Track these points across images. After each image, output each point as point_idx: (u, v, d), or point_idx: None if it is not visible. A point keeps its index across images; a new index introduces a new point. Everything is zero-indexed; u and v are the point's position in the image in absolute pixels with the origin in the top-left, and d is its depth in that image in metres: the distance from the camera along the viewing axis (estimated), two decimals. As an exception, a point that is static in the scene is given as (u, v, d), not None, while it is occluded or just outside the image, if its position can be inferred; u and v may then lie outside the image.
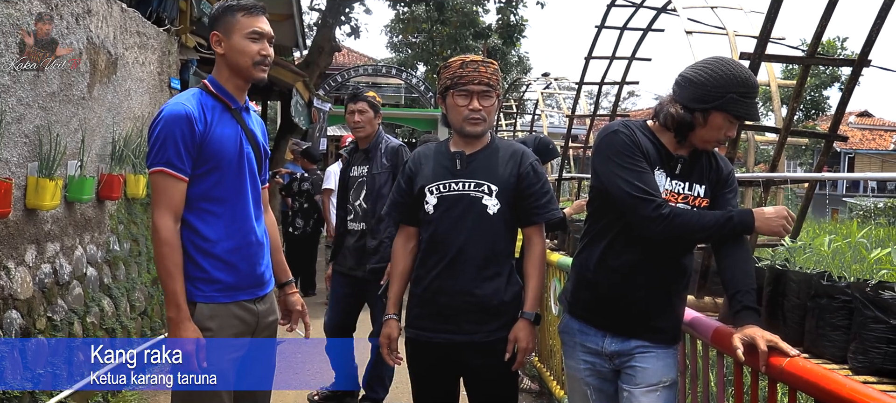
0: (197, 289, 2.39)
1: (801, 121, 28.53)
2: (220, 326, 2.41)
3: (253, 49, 2.44)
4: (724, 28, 4.50)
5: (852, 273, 2.34)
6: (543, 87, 11.27)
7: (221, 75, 2.49)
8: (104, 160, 5.26)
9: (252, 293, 2.52)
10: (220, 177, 2.42)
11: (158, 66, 6.50)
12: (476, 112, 2.68)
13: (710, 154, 2.42)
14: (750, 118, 2.27)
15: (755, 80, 2.28)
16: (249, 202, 2.51)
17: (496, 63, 2.79)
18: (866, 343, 2.12)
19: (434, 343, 2.76)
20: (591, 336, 2.46)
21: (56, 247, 4.49)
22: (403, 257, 2.89)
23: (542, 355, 5.18)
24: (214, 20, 2.47)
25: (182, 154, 2.33)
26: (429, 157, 2.83)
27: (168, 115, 2.34)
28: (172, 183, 2.33)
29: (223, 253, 2.42)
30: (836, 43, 29.24)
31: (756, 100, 2.26)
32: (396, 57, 26.80)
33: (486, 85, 2.68)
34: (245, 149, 2.51)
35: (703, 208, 2.36)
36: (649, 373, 2.36)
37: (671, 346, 2.44)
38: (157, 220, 2.32)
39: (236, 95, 2.51)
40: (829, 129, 3.40)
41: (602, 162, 2.34)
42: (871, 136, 36.61)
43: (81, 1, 4.75)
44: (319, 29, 14.81)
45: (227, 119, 2.48)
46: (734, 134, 2.33)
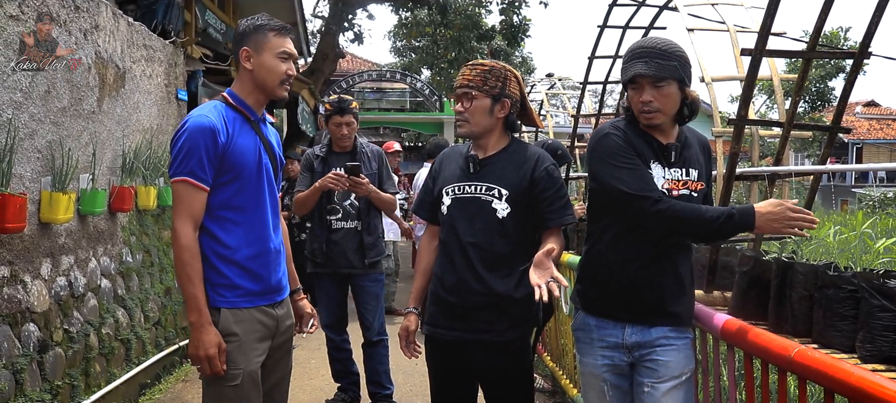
0: (220, 295, 2.45)
1: (806, 112, 28.42)
2: (245, 331, 2.47)
3: (282, 68, 2.52)
4: (725, 24, 4.53)
5: (860, 262, 2.36)
6: (548, 88, 11.29)
7: (244, 89, 2.56)
8: (115, 173, 5.31)
9: (271, 298, 2.59)
10: (241, 186, 2.49)
11: (165, 77, 6.56)
12: (459, 114, 2.78)
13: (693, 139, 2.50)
14: (630, 76, 2.36)
15: (638, 44, 2.41)
16: (268, 210, 2.59)
17: (491, 63, 2.78)
18: (874, 331, 2.15)
19: (447, 340, 2.80)
20: (610, 329, 2.47)
21: (70, 260, 4.54)
22: (428, 254, 2.95)
23: (555, 354, 5.21)
24: (244, 36, 2.53)
25: (205, 164, 2.39)
26: (452, 159, 2.90)
27: (193, 127, 2.40)
28: (194, 192, 2.39)
29: (243, 261, 2.49)
30: (839, 33, 29.13)
31: (639, 57, 2.34)
32: (400, 61, 26.81)
33: (466, 87, 2.73)
34: (263, 159, 2.58)
35: (700, 191, 2.42)
36: (672, 366, 2.38)
37: (688, 334, 2.47)
38: (178, 227, 2.39)
39: (256, 108, 2.59)
40: (832, 122, 3.41)
41: (598, 164, 2.41)
42: (878, 126, 36.44)
43: (89, 16, 4.82)
44: (323, 36, 14.87)
45: (248, 130, 2.55)
46: (647, 97, 2.35)
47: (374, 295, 4.57)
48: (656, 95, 2.34)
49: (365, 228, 4.49)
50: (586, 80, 6.71)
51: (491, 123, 2.77)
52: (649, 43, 2.39)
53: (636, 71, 2.33)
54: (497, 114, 2.76)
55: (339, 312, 4.65)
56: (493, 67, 2.77)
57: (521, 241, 2.75)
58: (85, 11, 4.75)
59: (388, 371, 4.67)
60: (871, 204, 19.23)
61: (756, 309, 2.66)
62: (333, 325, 4.64)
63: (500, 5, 18.03)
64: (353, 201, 4.50)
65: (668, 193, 2.37)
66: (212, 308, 2.43)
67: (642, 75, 2.33)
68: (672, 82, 2.34)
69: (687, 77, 2.37)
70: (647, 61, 2.32)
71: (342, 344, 4.68)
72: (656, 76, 2.32)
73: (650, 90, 2.34)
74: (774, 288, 2.56)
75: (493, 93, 2.73)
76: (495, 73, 2.75)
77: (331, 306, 4.62)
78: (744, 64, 3.67)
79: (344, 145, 4.51)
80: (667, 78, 2.33)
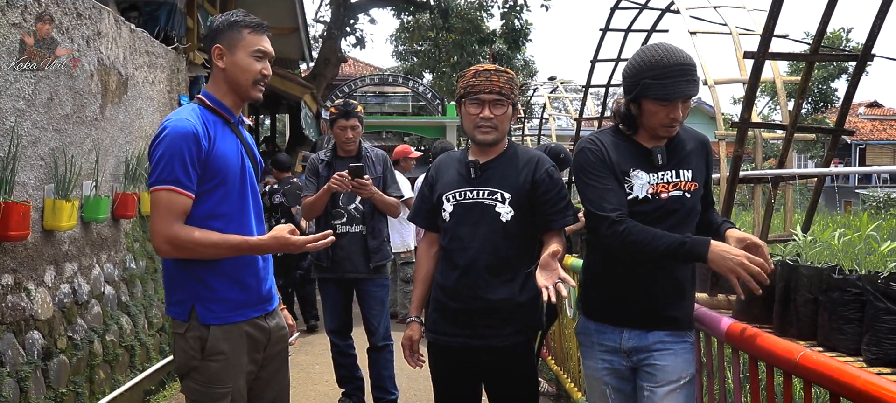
0: (210, 311, 2.36)
1: (809, 114, 28.40)
2: (232, 348, 2.38)
3: (256, 67, 2.40)
4: (727, 26, 4.52)
5: (865, 264, 2.35)
6: (550, 91, 11.29)
7: (219, 89, 2.44)
8: (118, 179, 5.32)
9: (262, 309, 2.50)
10: (226, 193, 2.38)
11: (168, 84, 6.57)
12: (487, 120, 2.71)
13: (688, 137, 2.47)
14: (673, 97, 2.27)
15: (671, 59, 2.27)
16: (252, 216, 2.48)
17: (511, 72, 2.79)
18: (879, 334, 2.14)
19: (451, 347, 2.80)
20: (609, 334, 2.49)
21: (74, 267, 4.55)
22: (427, 261, 2.94)
23: (559, 357, 5.20)
24: (218, 32, 2.40)
25: (190, 172, 2.27)
26: (448, 165, 2.89)
27: (173, 132, 2.27)
28: (180, 200, 2.26)
29: (231, 270, 2.39)
30: (841, 34, 29.12)
31: (682, 76, 2.25)
32: (402, 65, 26.83)
33: (497, 93, 2.70)
34: (246, 163, 2.47)
35: (694, 191, 2.40)
36: (669, 371, 2.39)
37: (687, 338, 2.46)
38: (175, 232, 2.25)
39: (234, 110, 2.46)
40: (835, 124, 3.41)
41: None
42: (881, 127, 36.38)
43: (91, 23, 4.82)
44: (325, 41, 14.91)
45: (228, 133, 2.43)
46: (679, 114, 2.30)
47: (379, 300, 4.57)
48: (685, 109, 2.34)
49: (369, 232, 4.49)
50: (589, 83, 6.71)
51: (505, 129, 2.81)
52: (687, 60, 2.30)
53: (682, 91, 2.26)
54: (511, 123, 2.82)
55: (344, 317, 4.65)
56: (512, 75, 2.79)
57: (524, 245, 2.76)
58: (87, 18, 4.76)
59: (393, 375, 4.67)
60: (876, 205, 19.20)
61: (761, 312, 2.66)
62: (338, 330, 4.64)
63: (501, 9, 18.03)
64: (358, 205, 4.50)
65: (656, 196, 2.38)
66: (201, 325, 2.34)
67: (687, 95, 2.29)
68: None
69: None
70: (689, 80, 2.27)
71: (346, 349, 4.67)
72: (692, 95, 2.31)
73: (683, 106, 2.31)
74: (779, 291, 2.55)
75: (513, 100, 2.77)
76: (513, 82, 2.77)
77: (335, 311, 4.62)
78: (746, 66, 3.66)
79: (349, 149, 4.51)
80: (693, 95, 2.33)
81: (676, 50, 2.31)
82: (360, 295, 4.59)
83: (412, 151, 8.13)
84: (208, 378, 2.36)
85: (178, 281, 2.38)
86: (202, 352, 2.35)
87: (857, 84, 3.28)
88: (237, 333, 2.40)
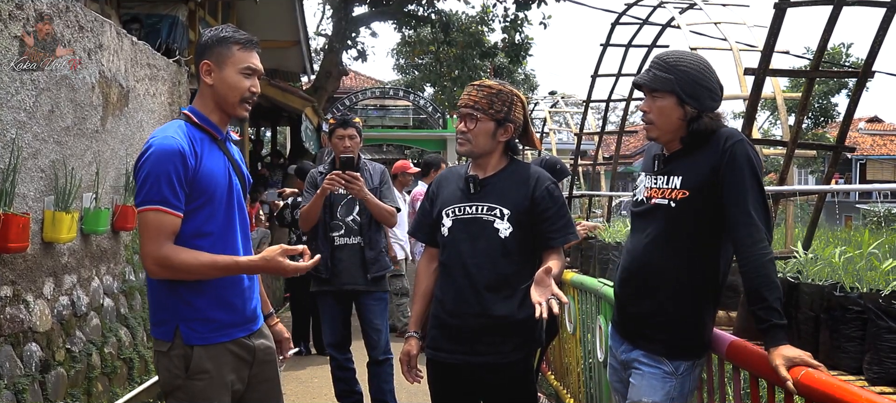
0: (193, 331, 2.32)
1: (809, 129, 28.45)
2: (216, 367, 2.34)
3: (244, 85, 2.35)
4: (727, 42, 4.53)
5: (866, 282, 2.33)
6: (551, 105, 11.32)
7: (206, 106, 2.39)
8: (118, 191, 5.32)
9: (247, 329, 2.46)
10: (212, 211, 2.34)
11: (169, 96, 6.58)
12: (461, 133, 2.74)
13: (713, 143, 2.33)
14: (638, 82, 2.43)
15: (658, 54, 2.44)
16: (238, 235, 2.44)
17: (498, 86, 2.73)
18: (881, 353, 2.12)
19: (450, 364, 2.78)
20: (614, 341, 2.63)
21: (73, 279, 4.54)
22: (426, 277, 2.91)
23: (559, 372, 5.18)
24: (206, 47, 2.36)
25: (177, 191, 2.23)
26: (450, 180, 2.88)
27: (159, 150, 2.23)
28: (169, 220, 2.23)
29: (216, 291, 2.35)
30: (841, 49, 29.18)
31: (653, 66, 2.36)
32: (404, 79, 26.90)
33: (470, 107, 2.70)
34: (233, 181, 2.44)
35: (681, 199, 2.34)
36: (635, 390, 2.45)
37: (661, 365, 2.40)
38: (165, 254, 2.22)
39: (220, 126, 2.42)
40: (836, 140, 3.41)
41: None
42: (882, 142, 36.39)
43: (93, 35, 4.84)
44: (326, 54, 14.95)
45: (215, 151, 2.40)
46: (643, 106, 2.40)
47: (378, 314, 4.56)
48: (651, 106, 2.36)
49: (367, 243, 4.48)
50: (589, 98, 6.72)
51: (492, 146, 2.74)
52: (663, 54, 2.42)
53: (643, 78, 2.38)
54: (499, 138, 2.74)
55: (343, 331, 4.63)
56: (501, 90, 2.72)
57: (523, 261, 2.73)
58: (89, 31, 4.77)
59: (392, 389, 4.65)
60: (876, 220, 19.18)
61: (762, 329, 2.64)
62: (337, 344, 4.61)
63: (502, 24, 18.09)
64: (356, 217, 4.49)
65: (647, 201, 2.45)
66: (185, 345, 2.30)
67: (637, 84, 2.42)
68: (666, 95, 2.31)
69: (687, 93, 2.29)
70: (648, 71, 2.37)
71: (345, 364, 4.65)
72: (649, 86, 2.35)
73: (647, 100, 2.39)
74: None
75: (498, 116, 2.70)
76: (502, 97, 2.71)
77: (334, 325, 4.60)
78: (747, 82, 3.67)
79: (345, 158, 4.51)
80: (660, 90, 2.32)
81: (674, 51, 2.45)
82: (359, 310, 4.57)
83: (411, 166, 8.11)
84: (193, 397, 2.32)
85: (163, 302, 2.35)
86: (186, 371, 2.31)
87: (858, 101, 3.28)
88: (221, 352, 2.36)
